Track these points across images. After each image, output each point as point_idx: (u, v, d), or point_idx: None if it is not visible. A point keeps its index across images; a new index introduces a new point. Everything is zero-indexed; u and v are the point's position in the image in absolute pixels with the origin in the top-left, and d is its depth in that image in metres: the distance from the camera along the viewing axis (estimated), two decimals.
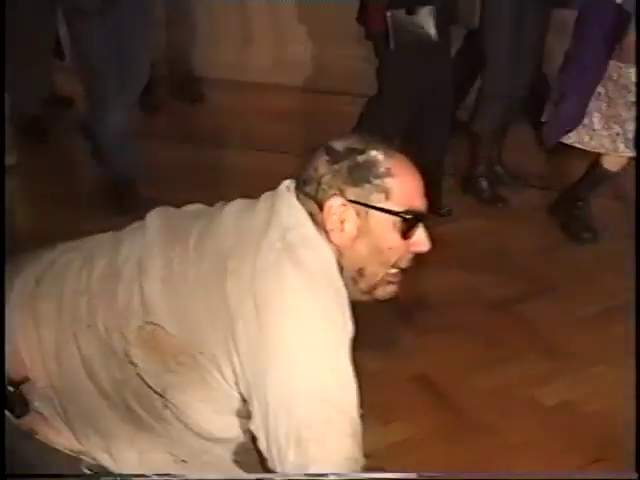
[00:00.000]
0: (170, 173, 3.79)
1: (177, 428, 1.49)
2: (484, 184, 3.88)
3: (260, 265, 1.40)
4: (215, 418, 1.47)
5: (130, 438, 1.51)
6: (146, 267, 1.48)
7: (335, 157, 1.49)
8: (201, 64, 4.97)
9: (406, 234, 1.49)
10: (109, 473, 1.55)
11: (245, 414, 1.44)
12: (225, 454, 1.52)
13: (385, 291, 1.55)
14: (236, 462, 1.53)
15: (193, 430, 1.48)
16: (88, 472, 1.55)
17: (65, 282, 1.56)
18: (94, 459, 1.54)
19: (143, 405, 1.48)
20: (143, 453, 1.53)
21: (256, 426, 1.39)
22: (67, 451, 1.55)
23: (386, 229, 1.49)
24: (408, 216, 1.48)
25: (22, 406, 1.53)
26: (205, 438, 1.50)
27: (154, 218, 1.59)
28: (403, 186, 1.49)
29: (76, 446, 1.55)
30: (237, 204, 1.55)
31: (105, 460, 1.54)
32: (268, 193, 1.55)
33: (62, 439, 1.55)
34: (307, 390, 1.36)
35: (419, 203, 1.51)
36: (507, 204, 3.86)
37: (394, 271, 1.53)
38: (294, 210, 1.49)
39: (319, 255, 1.45)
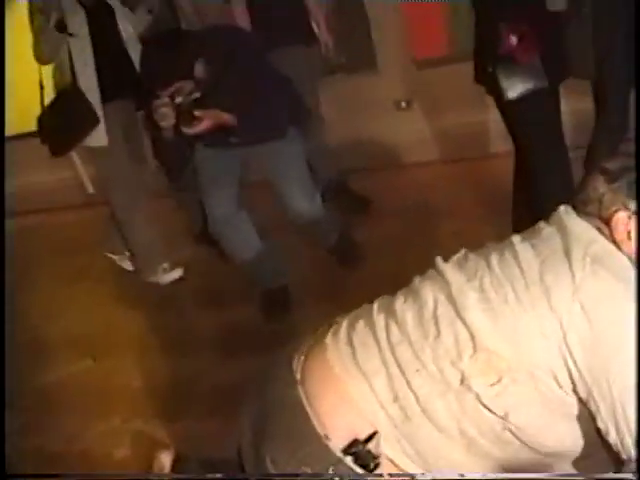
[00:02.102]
0: None
1: (515, 447, 1.61)
2: None
3: (579, 277, 1.54)
4: (550, 431, 1.60)
5: (465, 462, 1.64)
6: (463, 303, 1.63)
7: (612, 176, 1.65)
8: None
9: None
10: None
11: (574, 418, 1.58)
12: (563, 466, 1.66)
13: None
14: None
15: (529, 446, 1.61)
16: None
17: (378, 338, 1.72)
18: None
19: (482, 431, 1.61)
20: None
21: (604, 421, 1.52)
22: None
23: None
24: None
25: (374, 460, 1.65)
26: (540, 453, 1.63)
27: (442, 263, 1.77)
28: None
29: None
30: (519, 236, 1.73)
31: None
32: (543, 222, 1.73)
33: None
34: (634, 379, 1.48)
35: None
36: None
37: None
38: (585, 228, 1.64)
39: (623, 263, 1.60)
